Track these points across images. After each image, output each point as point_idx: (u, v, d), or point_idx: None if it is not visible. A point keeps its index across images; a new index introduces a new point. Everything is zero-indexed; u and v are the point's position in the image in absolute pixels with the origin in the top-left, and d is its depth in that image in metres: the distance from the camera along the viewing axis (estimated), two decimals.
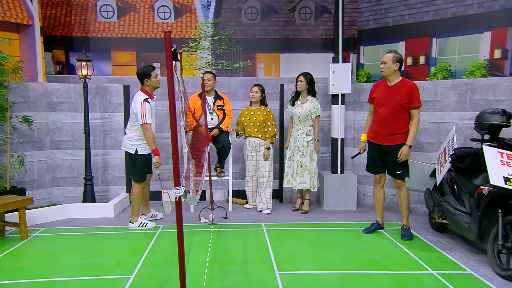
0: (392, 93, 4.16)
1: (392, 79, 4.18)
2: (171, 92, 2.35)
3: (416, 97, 4.10)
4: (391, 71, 4.13)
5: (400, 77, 4.20)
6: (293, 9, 6.57)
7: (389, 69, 4.13)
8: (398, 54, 4.16)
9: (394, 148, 4.16)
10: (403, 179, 4.27)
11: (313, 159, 5.18)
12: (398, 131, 4.15)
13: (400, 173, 4.22)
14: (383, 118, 4.21)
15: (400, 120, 4.14)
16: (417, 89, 4.13)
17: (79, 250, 4.01)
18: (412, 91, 4.09)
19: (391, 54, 4.13)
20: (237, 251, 3.95)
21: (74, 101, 5.59)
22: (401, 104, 4.11)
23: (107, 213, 5.16)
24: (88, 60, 5.19)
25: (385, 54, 4.18)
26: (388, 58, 4.13)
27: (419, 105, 4.11)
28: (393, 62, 4.10)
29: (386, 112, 4.19)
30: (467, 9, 5.00)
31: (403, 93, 4.11)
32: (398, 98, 4.11)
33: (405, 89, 4.11)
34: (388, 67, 4.13)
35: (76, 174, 5.66)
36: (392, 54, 4.13)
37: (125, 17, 6.36)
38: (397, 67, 4.11)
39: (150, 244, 4.14)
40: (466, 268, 3.52)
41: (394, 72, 4.14)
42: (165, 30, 2.22)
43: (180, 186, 2.45)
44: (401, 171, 4.21)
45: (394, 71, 4.13)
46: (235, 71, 6.69)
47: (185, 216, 5.10)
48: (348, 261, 3.70)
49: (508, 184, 3.22)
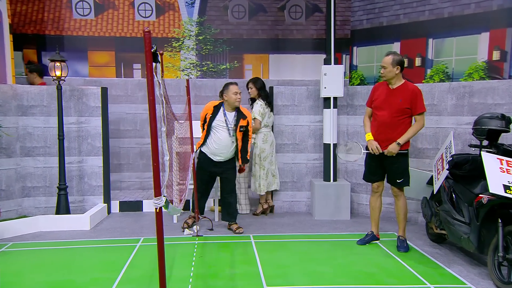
0: (394, 96, 4.13)
1: (394, 82, 4.16)
2: (151, 95, 2.33)
3: (420, 102, 4.08)
4: (392, 75, 4.10)
5: (402, 80, 4.17)
6: (283, 8, 6.60)
7: (390, 73, 4.10)
8: (397, 55, 4.13)
9: (394, 155, 4.16)
10: (402, 188, 4.28)
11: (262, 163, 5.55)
12: (395, 138, 4.11)
13: (401, 182, 4.20)
14: (382, 123, 4.18)
15: (400, 125, 4.11)
16: (421, 93, 4.11)
17: (50, 266, 3.92)
18: (416, 96, 4.06)
19: (390, 57, 4.09)
20: (224, 265, 3.91)
21: (47, 105, 5.50)
22: (402, 109, 4.08)
23: (83, 226, 5.08)
24: (62, 60, 5.13)
25: (384, 58, 4.15)
26: (387, 62, 4.09)
27: (423, 111, 4.10)
28: (393, 66, 4.07)
29: (385, 116, 4.16)
30: (464, 8, 5.09)
31: (405, 97, 4.08)
32: (400, 103, 4.08)
33: (408, 93, 4.08)
34: (389, 71, 4.10)
35: (48, 183, 5.56)
36: (391, 57, 4.09)
37: (103, 14, 6.31)
38: (398, 70, 4.08)
39: (129, 258, 4.08)
40: (466, 282, 3.54)
41: (396, 75, 4.11)
42: (145, 29, 2.20)
43: (161, 196, 2.42)
44: (401, 179, 4.19)
45: (396, 75, 4.10)
46: (221, 72, 6.68)
47: (167, 227, 5.05)
48: (341, 274, 3.69)
49: (508, 193, 3.26)
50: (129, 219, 5.50)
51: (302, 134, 5.89)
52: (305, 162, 5.91)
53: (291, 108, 5.85)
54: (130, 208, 5.90)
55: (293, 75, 6.71)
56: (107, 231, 5.01)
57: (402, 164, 4.18)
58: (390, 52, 4.24)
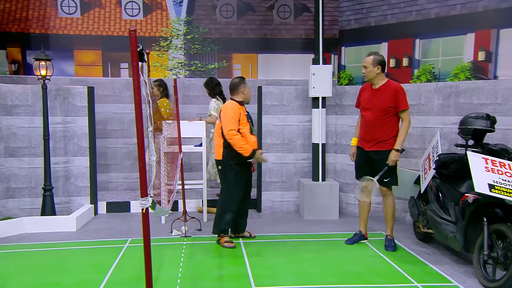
0: (377, 96, 4.20)
1: (376, 82, 4.22)
2: (137, 95, 2.31)
3: (402, 99, 4.14)
4: (373, 75, 4.18)
5: (385, 79, 4.24)
6: (271, 7, 6.61)
7: (371, 73, 4.18)
8: (379, 55, 4.21)
9: (381, 155, 4.21)
10: (390, 187, 4.32)
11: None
12: (383, 137, 4.18)
13: (388, 181, 4.25)
14: (368, 123, 4.26)
15: (385, 125, 4.17)
16: (402, 91, 4.17)
17: (36, 268, 3.87)
18: (397, 94, 4.13)
19: (371, 57, 4.17)
20: (212, 266, 3.90)
21: (32, 104, 5.43)
22: (385, 108, 4.15)
23: (69, 227, 5.02)
24: (47, 59, 5.06)
25: (365, 58, 4.24)
26: (368, 62, 4.17)
27: (405, 108, 4.15)
28: (374, 66, 4.15)
29: (370, 116, 4.23)
30: (450, 9, 5.16)
31: (387, 96, 4.14)
32: (382, 102, 4.15)
33: (390, 92, 4.14)
34: (370, 71, 4.18)
35: (34, 184, 5.49)
36: (372, 57, 4.17)
37: (89, 13, 6.25)
38: (379, 69, 4.16)
39: (116, 260, 4.05)
40: (452, 280, 3.58)
41: (377, 75, 4.18)
42: (130, 28, 2.18)
43: (147, 196, 2.40)
44: (388, 178, 4.23)
45: (377, 74, 4.18)
46: (209, 72, 6.67)
47: (155, 228, 5.02)
48: (329, 274, 3.71)
49: (493, 192, 3.31)
50: (117, 220, 5.46)
51: (290, 134, 5.90)
52: (293, 162, 5.93)
53: (279, 108, 5.86)
54: (117, 209, 5.85)
55: (281, 75, 6.72)
56: (94, 233, 4.96)
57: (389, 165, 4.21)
58: (372, 52, 4.30)
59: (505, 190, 3.30)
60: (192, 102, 6.59)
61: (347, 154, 5.69)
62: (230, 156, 4.30)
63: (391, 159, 4.14)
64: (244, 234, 4.68)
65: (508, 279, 3.21)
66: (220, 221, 4.37)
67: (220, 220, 4.37)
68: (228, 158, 4.32)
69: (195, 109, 6.60)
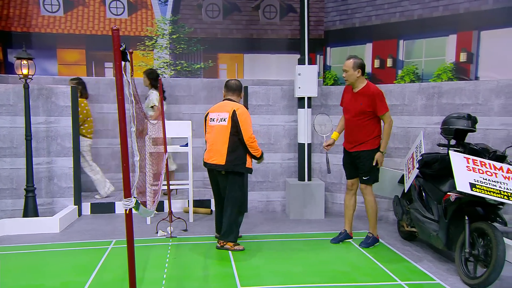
0: (356, 100, 4.29)
1: (357, 85, 4.29)
2: (120, 95, 2.30)
3: (379, 104, 4.20)
4: (354, 78, 4.25)
5: (364, 82, 4.30)
6: (257, 7, 6.62)
7: (352, 76, 4.25)
8: (358, 59, 4.27)
9: (361, 154, 4.30)
10: (368, 185, 4.39)
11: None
12: (361, 139, 4.29)
13: (366, 179, 4.34)
14: (348, 125, 4.39)
15: (365, 128, 4.26)
16: (380, 95, 4.22)
17: (17, 271, 3.80)
18: (374, 99, 4.18)
19: (351, 61, 4.23)
20: (197, 266, 3.89)
21: (14, 104, 5.34)
22: (364, 112, 4.23)
23: (52, 228, 4.95)
24: (29, 58, 4.98)
25: (345, 61, 4.29)
26: (348, 65, 4.23)
27: (385, 111, 4.23)
28: (354, 69, 4.21)
29: (350, 119, 4.35)
30: (432, 11, 5.24)
31: (365, 100, 4.21)
32: (361, 106, 4.23)
33: (368, 96, 4.21)
34: (350, 75, 4.24)
35: (15, 185, 5.39)
36: (352, 61, 4.23)
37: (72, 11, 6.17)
38: (359, 73, 4.22)
39: (100, 261, 4.01)
40: (435, 278, 3.64)
41: (358, 79, 4.25)
42: (113, 28, 2.17)
43: (130, 197, 2.38)
44: (367, 177, 4.33)
45: (357, 78, 4.24)
46: (195, 72, 6.65)
47: (140, 229, 4.99)
48: (314, 273, 3.74)
49: (474, 190, 3.37)
50: (101, 221, 5.40)
51: (276, 134, 5.92)
52: (280, 162, 5.95)
53: (265, 108, 5.87)
54: (102, 210, 5.79)
55: (267, 75, 6.74)
56: (77, 234, 4.90)
57: (368, 162, 4.29)
58: (351, 56, 4.36)
59: (486, 189, 3.37)
60: (178, 102, 6.56)
61: (333, 153, 5.73)
62: (239, 162, 4.21)
63: (377, 160, 4.24)
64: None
65: (488, 276, 3.28)
66: (235, 228, 4.30)
67: (237, 227, 4.32)
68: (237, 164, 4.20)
69: (180, 109, 6.57)
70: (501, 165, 3.60)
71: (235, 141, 4.17)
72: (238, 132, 4.15)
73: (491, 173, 3.51)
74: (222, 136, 4.19)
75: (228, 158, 4.17)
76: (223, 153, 4.17)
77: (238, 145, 4.18)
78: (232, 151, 4.18)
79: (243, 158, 4.23)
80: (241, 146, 4.19)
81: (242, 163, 4.23)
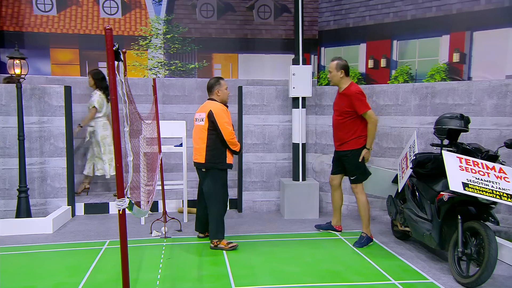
0: (340, 100, 4.48)
1: (341, 86, 4.48)
2: (113, 95, 2.29)
3: (357, 103, 4.32)
4: (337, 79, 4.44)
5: (348, 83, 4.47)
6: (251, 7, 6.62)
7: (335, 77, 4.44)
8: (342, 60, 4.46)
9: (346, 154, 4.46)
10: (357, 184, 4.48)
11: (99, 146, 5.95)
12: (344, 138, 4.45)
13: (354, 178, 4.47)
14: (334, 124, 4.61)
15: (347, 127, 4.41)
16: (358, 95, 4.33)
17: (10, 272, 3.78)
18: (352, 98, 4.33)
19: (335, 62, 4.43)
20: (192, 266, 3.89)
21: (6, 104, 5.30)
22: (345, 112, 4.39)
23: (45, 229, 4.92)
24: (22, 57, 4.94)
25: (330, 63, 4.50)
26: (332, 67, 4.44)
27: (365, 111, 4.33)
28: (337, 70, 4.40)
29: (335, 118, 4.55)
30: (426, 11, 5.26)
31: (346, 100, 4.39)
32: (343, 106, 4.41)
33: (347, 96, 4.38)
34: (334, 75, 4.44)
35: (8, 185, 5.35)
36: (335, 62, 4.42)
37: (66, 10, 6.13)
38: (342, 74, 4.40)
39: (94, 262, 3.99)
40: (428, 277, 3.66)
41: (341, 80, 4.43)
42: (106, 27, 2.16)
43: (124, 197, 2.38)
44: (354, 176, 4.47)
45: (341, 78, 4.42)
46: (190, 72, 6.63)
47: (135, 229, 4.97)
48: (308, 273, 3.74)
49: (467, 190, 3.39)
50: (95, 222, 5.38)
51: (271, 134, 5.92)
52: (274, 161, 5.95)
53: (260, 108, 5.88)
54: (96, 210, 5.76)
55: (262, 75, 6.74)
56: (71, 234, 4.87)
57: (353, 161, 4.41)
58: (335, 57, 4.57)
59: (478, 188, 3.40)
60: (172, 102, 6.55)
61: (327, 154, 5.75)
62: (218, 160, 4.27)
63: (365, 158, 4.41)
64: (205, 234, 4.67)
65: (480, 275, 3.30)
66: (222, 224, 4.33)
67: (222, 223, 4.33)
68: (216, 162, 4.27)
69: (175, 109, 6.56)
70: (494, 164, 3.63)
71: (213, 140, 4.25)
72: (216, 131, 4.22)
73: (484, 173, 3.54)
74: (201, 135, 4.30)
75: (207, 156, 4.27)
76: (203, 151, 4.29)
77: (216, 143, 4.26)
78: (211, 150, 4.26)
79: (222, 155, 4.30)
80: (220, 143, 4.26)
81: (222, 159, 4.30)
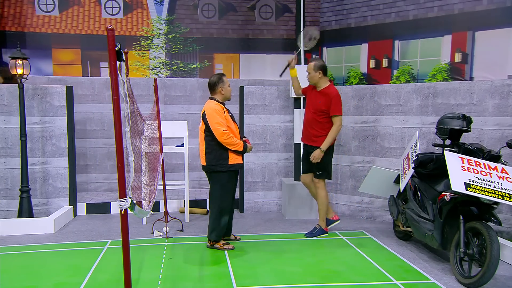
0: (316, 98, 4.61)
1: (319, 85, 4.61)
2: (115, 95, 2.29)
3: (334, 105, 4.48)
4: (316, 79, 4.58)
5: (327, 83, 4.62)
6: (253, 8, 6.62)
7: (314, 78, 4.58)
8: (320, 61, 4.61)
9: (314, 150, 4.57)
10: (321, 179, 4.67)
11: None
12: (315, 134, 4.61)
13: (319, 174, 4.65)
14: (305, 120, 4.74)
15: (318, 124, 4.56)
16: (337, 98, 4.50)
17: (11, 272, 3.78)
18: (331, 100, 4.48)
19: (312, 63, 4.57)
20: (193, 266, 3.89)
21: (8, 104, 5.31)
22: (321, 110, 4.53)
23: (47, 229, 4.92)
24: (24, 58, 4.95)
25: (308, 64, 4.65)
26: (310, 68, 4.59)
27: (337, 114, 4.49)
28: (315, 71, 4.54)
29: (308, 114, 4.69)
30: (427, 11, 5.26)
31: (324, 99, 4.52)
32: (319, 104, 4.54)
33: (327, 97, 4.51)
34: (312, 76, 4.58)
35: (10, 185, 5.36)
36: (313, 63, 4.57)
37: (68, 11, 6.14)
38: (320, 74, 4.54)
39: (95, 262, 3.99)
40: (429, 277, 3.65)
41: (320, 80, 4.57)
42: (108, 27, 2.16)
43: (125, 197, 2.37)
44: (320, 172, 4.64)
45: (319, 78, 4.56)
46: (191, 72, 6.64)
47: (136, 229, 4.97)
48: (310, 273, 3.74)
49: (469, 190, 3.38)
50: (97, 222, 5.38)
51: (273, 134, 5.92)
52: (276, 161, 5.95)
53: (261, 108, 5.87)
54: (97, 210, 5.77)
55: (263, 75, 6.74)
56: (73, 234, 4.88)
57: (323, 158, 4.55)
58: (314, 58, 4.78)
59: (480, 189, 3.39)
60: (173, 102, 6.55)
61: None
62: (218, 161, 4.19)
63: (314, 157, 4.52)
64: (230, 237, 4.59)
65: (483, 275, 3.29)
66: (218, 226, 4.28)
67: (218, 225, 4.28)
68: (216, 164, 4.19)
69: (176, 109, 6.56)
70: (496, 165, 3.62)
71: (209, 141, 4.18)
72: (211, 132, 4.14)
73: (486, 173, 3.53)
74: (200, 137, 4.30)
75: (207, 158, 4.24)
76: (203, 154, 4.27)
77: (214, 145, 4.17)
78: (209, 152, 4.21)
79: (221, 156, 4.18)
80: (218, 145, 4.16)
81: (222, 161, 4.18)
